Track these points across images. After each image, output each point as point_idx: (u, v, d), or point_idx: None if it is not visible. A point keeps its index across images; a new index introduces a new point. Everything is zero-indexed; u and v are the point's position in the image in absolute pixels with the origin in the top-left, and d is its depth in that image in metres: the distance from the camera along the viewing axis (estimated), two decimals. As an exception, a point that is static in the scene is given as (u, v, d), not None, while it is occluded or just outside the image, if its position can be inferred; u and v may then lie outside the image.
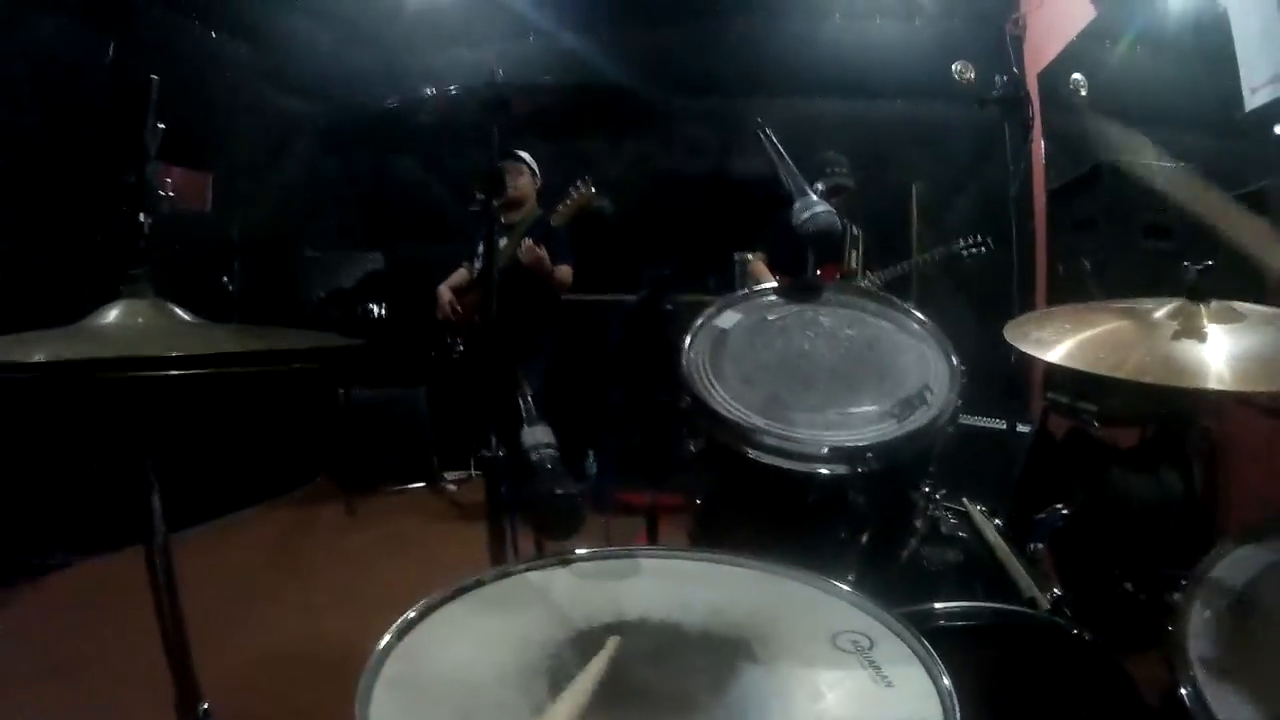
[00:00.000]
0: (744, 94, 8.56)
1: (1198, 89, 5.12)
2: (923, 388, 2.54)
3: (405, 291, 8.57)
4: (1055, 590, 2.57)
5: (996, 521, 3.00)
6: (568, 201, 7.09)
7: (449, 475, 8.19)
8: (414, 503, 7.98)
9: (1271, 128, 3.56)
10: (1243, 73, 4.52)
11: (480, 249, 7.13)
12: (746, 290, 2.97)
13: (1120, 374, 2.16)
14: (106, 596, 4.86)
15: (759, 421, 2.40)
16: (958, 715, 1.56)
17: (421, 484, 8.22)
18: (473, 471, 8.05)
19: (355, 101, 8.58)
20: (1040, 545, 2.83)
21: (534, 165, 7.41)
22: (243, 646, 4.50)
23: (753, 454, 2.37)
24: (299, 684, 4.39)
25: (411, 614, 1.84)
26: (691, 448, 2.65)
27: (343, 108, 8.75)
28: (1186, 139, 5.19)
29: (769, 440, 2.36)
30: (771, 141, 2.97)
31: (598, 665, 1.65)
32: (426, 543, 6.63)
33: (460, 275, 7.53)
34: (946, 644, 1.74)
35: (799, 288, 2.93)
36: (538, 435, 2.21)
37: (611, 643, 1.72)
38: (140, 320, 2.11)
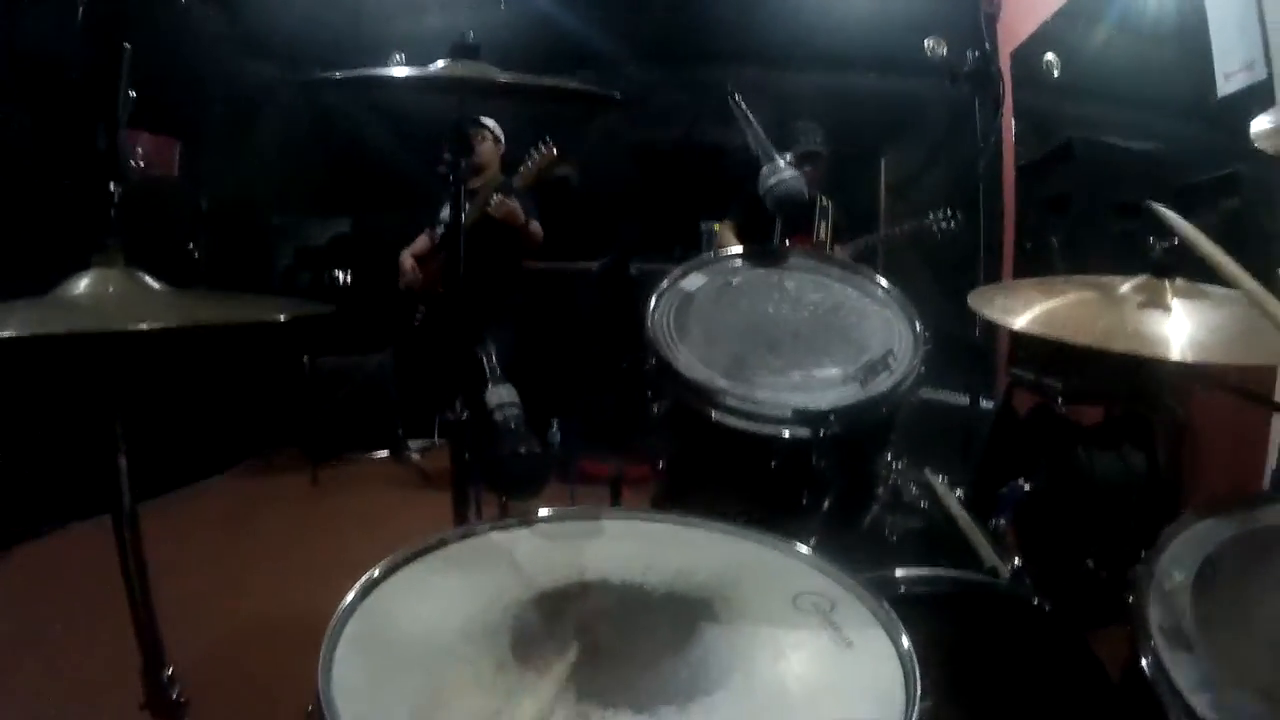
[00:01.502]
0: (716, 63, 8.54)
1: (1171, 73, 5.13)
2: (886, 353, 2.55)
3: (370, 258, 8.55)
4: (1016, 561, 2.58)
5: (958, 493, 3.01)
6: (529, 164, 7.05)
7: (413, 444, 8.16)
8: (379, 471, 7.97)
9: (1243, 113, 3.57)
10: (1216, 58, 4.52)
11: (442, 216, 7.14)
12: (712, 254, 2.96)
13: (1084, 341, 2.16)
14: (74, 566, 4.86)
15: (722, 383, 2.40)
16: (917, 675, 1.57)
17: (386, 452, 8.21)
18: (437, 439, 8.04)
19: (324, 67, 8.55)
20: (1003, 520, 2.84)
21: (498, 131, 7.39)
22: (208, 614, 4.49)
23: (716, 415, 2.37)
24: (264, 650, 4.40)
25: (375, 573, 1.84)
26: (655, 410, 2.65)
27: (311, 73, 8.71)
28: (1159, 122, 5.20)
29: (732, 402, 2.36)
30: (741, 107, 2.96)
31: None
32: (391, 511, 6.62)
33: (422, 242, 7.52)
34: (907, 611, 1.75)
35: (764, 252, 2.93)
36: (502, 395, 2.20)
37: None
38: (111, 289, 2.10)
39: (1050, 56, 6.66)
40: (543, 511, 2.17)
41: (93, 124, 6.32)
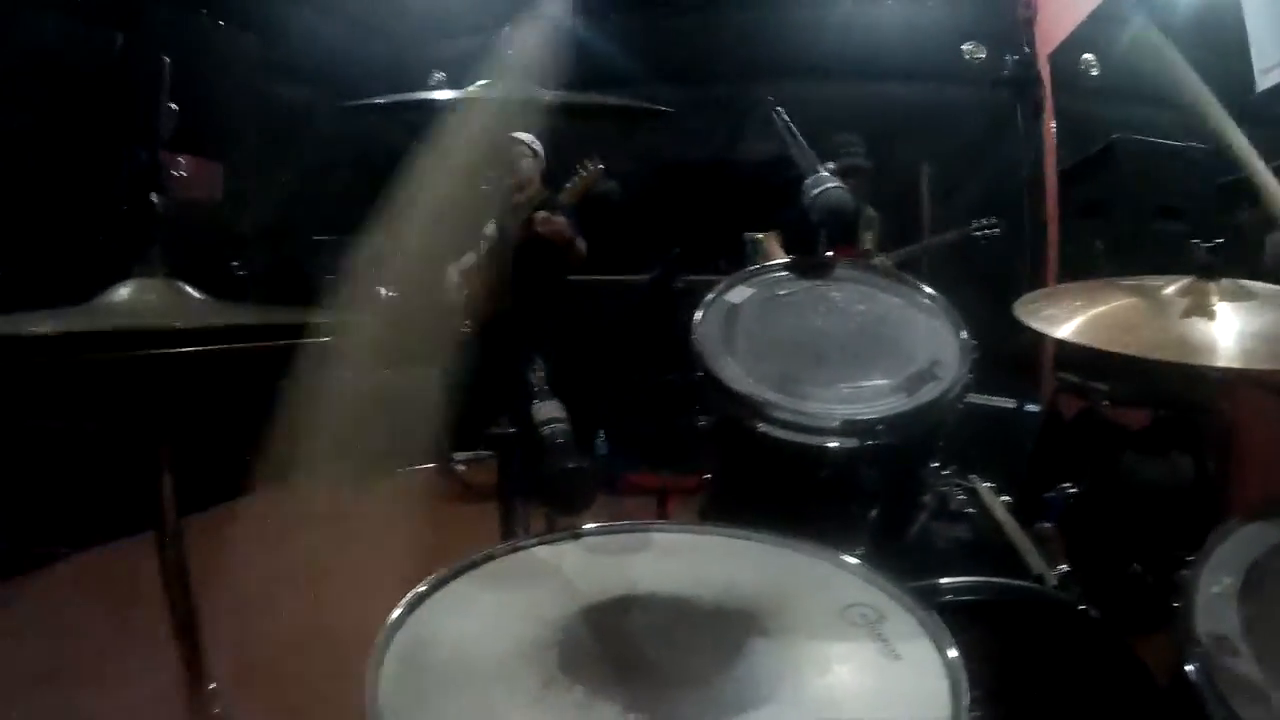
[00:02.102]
0: (754, 78, 8.54)
1: (1208, 70, 5.10)
2: (933, 362, 2.54)
3: (415, 274, 8.57)
4: (1062, 567, 2.57)
5: (1005, 499, 3.01)
6: (575, 180, 7.07)
7: (458, 456, 8.17)
8: (423, 484, 7.97)
9: (1280, 108, 3.57)
10: (1254, 54, 4.51)
11: (488, 232, 7.16)
12: (758, 266, 2.97)
13: (1129, 351, 2.16)
14: (115, 581, 4.90)
15: (770, 395, 2.41)
16: (965, 685, 1.56)
17: (431, 464, 8.21)
18: (482, 452, 8.04)
19: (362, 88, 8.58)
20: (1049, 524, 2.84)
21: (538, 147, 7.38)
22: (249, 630, 4.48)
23: (764, 427, 2.38)
24: (307, 665, 4.41)
25: (422, 588, 1.85)
26: (702, 423, 2.66)
27: (351, 97, 8.76)
28: (1197, 120, 5.18)
29: (780, 414, 2.37)
30: (783, 119, 2.97)
31: None
32: (436, 523, 6.59)
33: (468, 258, 7.54)
34: (953, 619, 1.74)
35: (809, 264, 2.93)
36: (549, 410, 2.21)
37: None
38: (153, 297, 2.12)
39: (1088, 57, 6.65)
40: (589, 526, 2.18)
41: (133, 141, 6.41)
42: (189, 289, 2.21)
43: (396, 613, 1.76)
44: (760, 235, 7.11)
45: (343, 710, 1.67)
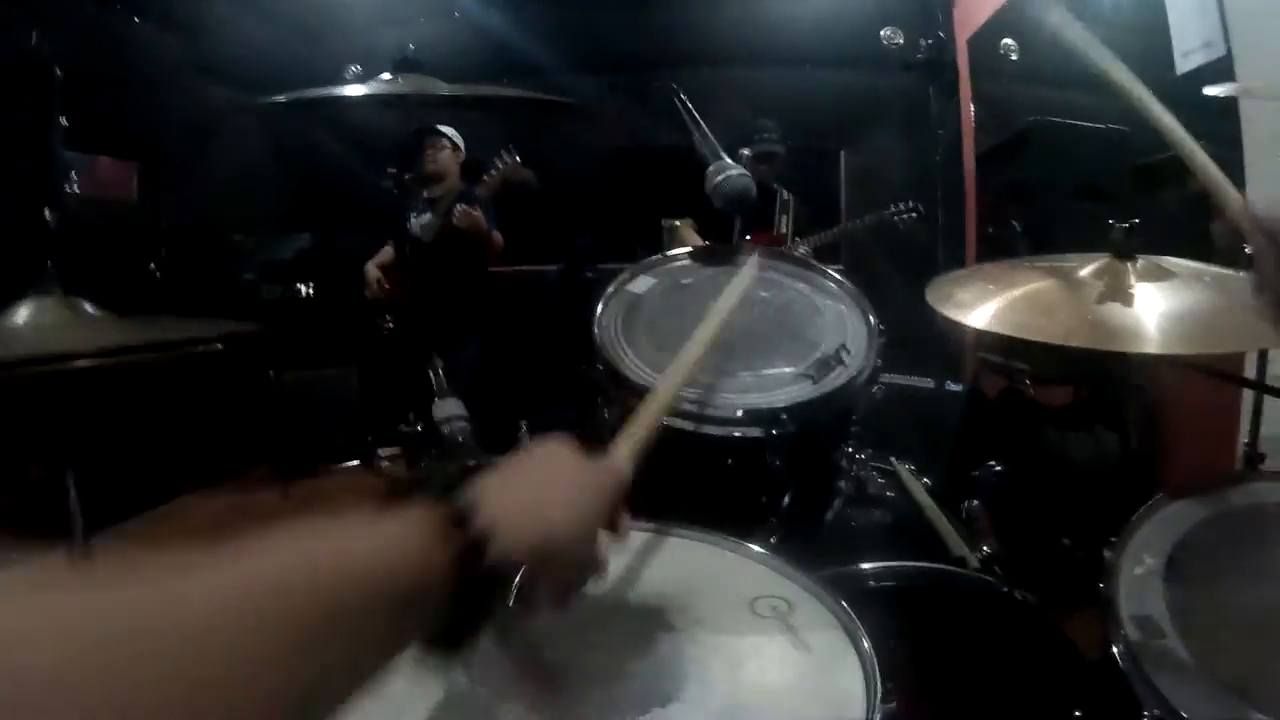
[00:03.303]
0: (671, 64, 8.55)
1: (1129, 54, 5.10)
2: (839, 348, 2.53)
3: (334, 271, 8.53)
4: (985, 548, 2.55)
5: (926, 481, 2.99)
6: (493, 173, 7.05)
7: (383, 451, 8.12)
8: (350, 483, 7.91)
9: (1201, 90, 3.57)
10: (1174, 36, 4.53)
11: (406, 226, 7.13)
12: (660, 255, 2.95)
13: (1046, 338, 2.13)
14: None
15: (670, 386, 2.37)
16: (878, 677, 1.55)
17: (356, 462, 8.16)
18: (397, 448, 8.02)
19: (281, 85, 8.49)
20: (977, 503, 2.82)
21: (457, 139, 7.36)
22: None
23: (665, 419, 2.34)
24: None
25: None
26: (606, 415, 2.62)
27: (264, 94, 8.67)
28: (1117, 104, 5.19)
29: (682, 405, 2.33)
30: (686, 108, 2.96)
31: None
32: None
33: (388, 253, 7.49)
34: (874, 606, 1.74)
35: (713, 252, 2.91)
36: (449, 408, 2.17)
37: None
38: (49, 318, 2.07)
39: (1008, 41, 6.67)
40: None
41: (22, 151, 6.31)
42: (87, 306, 2.15)
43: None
44: (676, 222, 7.09)
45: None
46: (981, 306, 2.36)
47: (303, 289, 8.81)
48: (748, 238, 3.00)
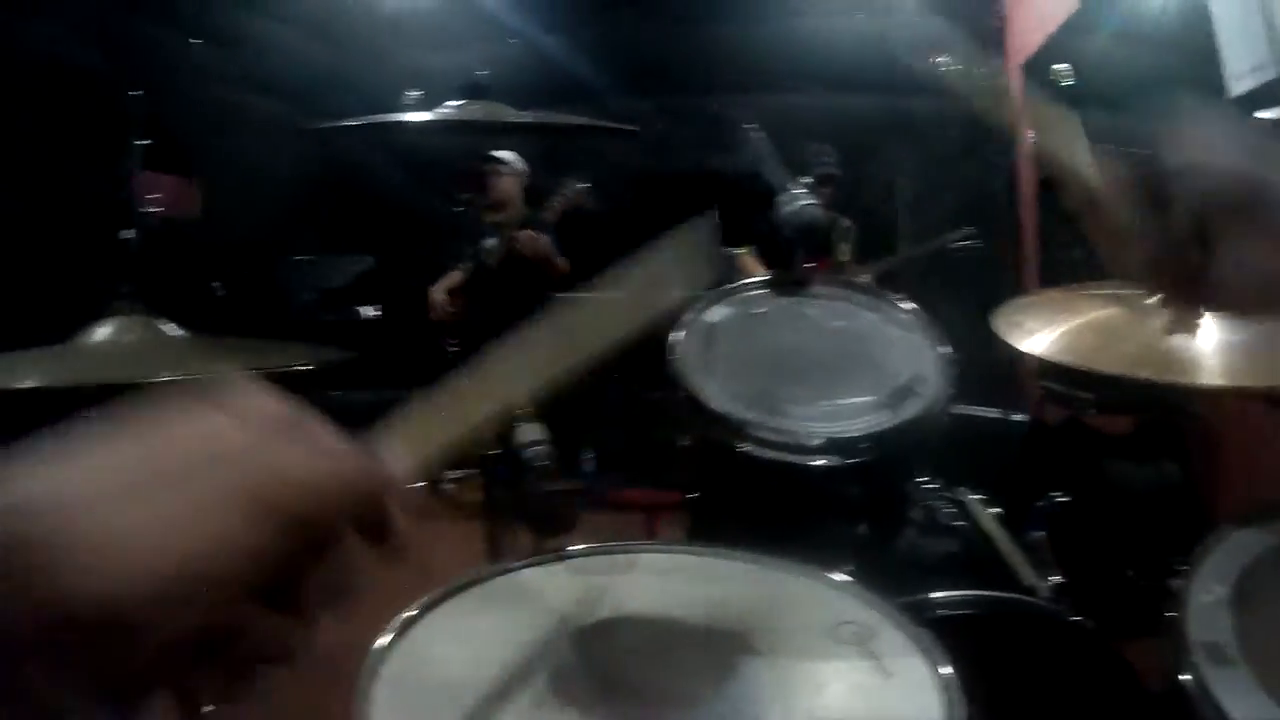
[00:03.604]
0: (727, 91, 8.56)
1: (1180, 78, 5.12)
2: (914, 377, 2.55)
3: (398, 293, 8.56)
4: (1053, 578, 2.57)
5: (994, 510, 3.00)
6: (557, 199, 7.08)
7: (447, 474, 8.13)
8: (412, 501, 7.89)
9: (1252, 114, 3.58)
10: (1225, 60, 4.52)
11: (473, 250, 7.18)
12: (734, 284, 2.97)
13: (1111, 368, 2.15)
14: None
15: (750, 415, 2.41)
16: (959, 702, 1.56)
17: (419, 483, 8.15)
18: (471, 470, 8.01)
19: (337, 104, 8.55)
20: (1039, 533, 2.83)
21: (518, 165, 7.37)
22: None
23: (745, 448, 2.37)
24: (295, 683, 4.38)
25: (411, 612, 1.84)
26: (683, 443, 2.65)
27: (325, 115, 8.72)
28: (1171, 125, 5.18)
29: (762, 433, 2.37)
30: (756, 138, 2.99)
31: None
32: (422, 542, 6.59)
33: (453, 277, 7.54)
34: (945, 634, 1.74)
35: (786, 281, 2.94)
36: (531, 433, 2.21)
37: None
38: (131, 338, 2.09)
39: (1061, 66, 6.67)
40: (576, 547, 2.18)
41: (105, 171, 6.39)
42: (168, 327, 2.18)
43: (386, 638, 1.75)
44: (738, 250, 7.11)
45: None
46: (1048, 334, 2.39)
47: (367, 311, 8.86)
48: (809, 265, 3.01)
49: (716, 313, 2.80)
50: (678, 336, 2.68)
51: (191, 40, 7.96)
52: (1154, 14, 5.59)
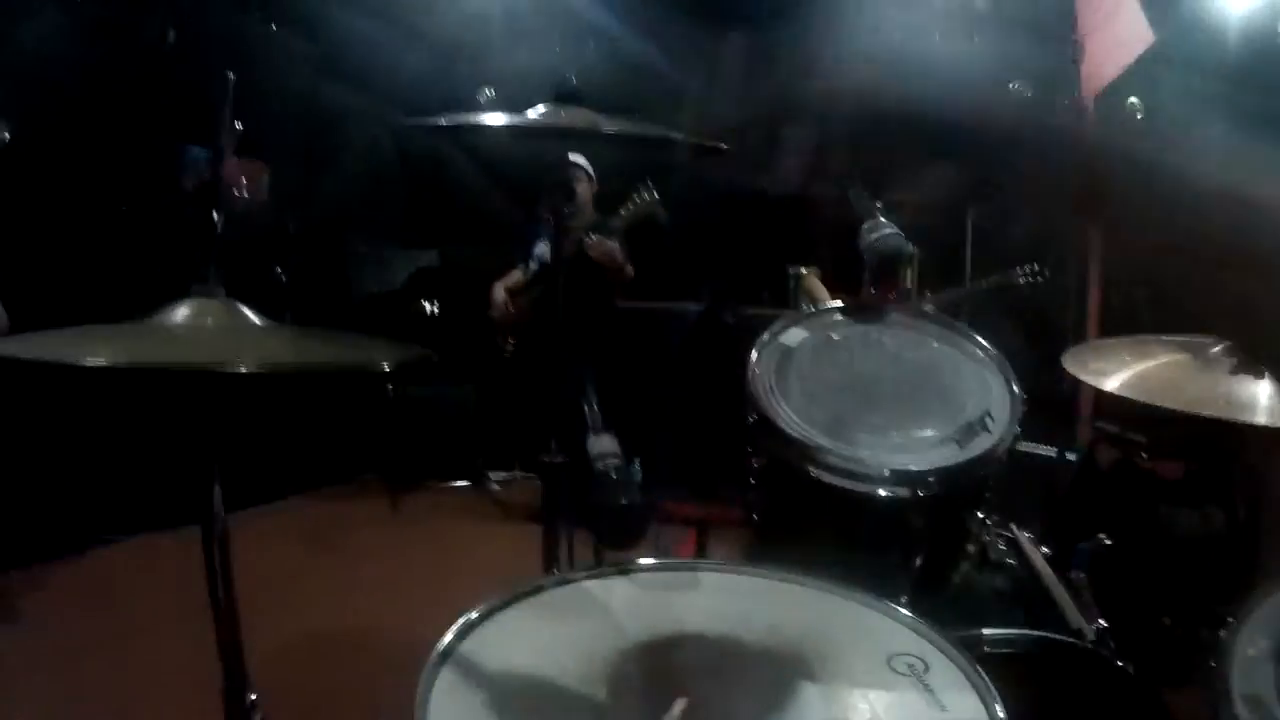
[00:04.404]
0: (800, 111, 8.55)
1: (1256, 113, 5.12)
2: (984, 414, 2.57)
3: (459, 290, 8.59)
4: (1100, 622, 2.59)
5: (1044, 549, 3.02)
6: (629, 207, 7.11)
7: (494, 475, 8.19)
8: (458, 501, 7.96)
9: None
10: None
11: (536, 252, 7.22)
12: (812, 309, 2.99)
13: (1174, 406, 2.19)
14: (150, 574, 4.93)
15: (823, 441, 2.44)
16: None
17: (466, 482, 8.24)
18: (518, 472, 8.03)
19: (411, 97, 8.56)
20: (1082, 574, 2.85)
21: (590, 170, 7.40)
22: (285, 632, 4.51)
23: (815, 472, 2.40)
24: (342, 671, 4.43)
25: (473, 615, 1.86)
26: (754, 464, 2.68)
27: (399, 105, 8.72)
28: (1242, 165, 5.17)
29: (832, 460, 2.40)
30: (855, 184, 3.02)
31: None
32: (470, 542, 6.63)
33: (515, 276, 7.59)
34: (992, 670, 1.76)
35: (863, 308, 2.96)
36: (604, 445, 2.23)
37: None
38: (210, 321, 2.09)
39: (1135, 100, 6.64)
40: (641, 561, 2.19)
41: (184, 141, 6.43)
42: (246, 311, 2.19)
43: (448, 638, 1.77)
44: (804, 269, 7.11)
45: (374, 717, 1.69)
46: (1115, 374, 2.42)
47: (427, 306, 8.89)
48: (874, 291, 3.04)
49: (793, 336, 2.82)
50: (754, 358, 2.72)
51: (269, 24, 8.01)
52: (1230, 52, 5.58)
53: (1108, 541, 2.97)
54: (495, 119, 2.97)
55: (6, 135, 5.19)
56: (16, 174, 5.53)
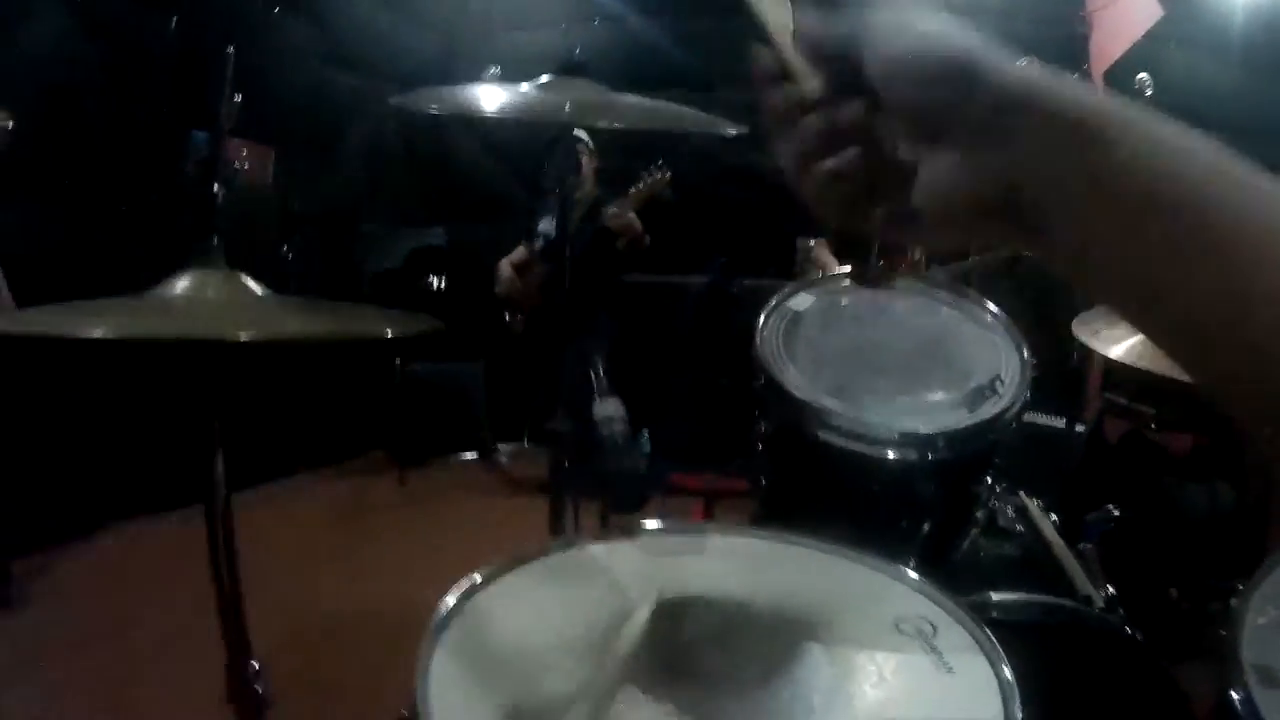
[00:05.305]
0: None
1: (1262, 91, 5.10)
2: (993, 378, 2.56)
3: (465, 267, 8.60)
4: (1109, 589, 2.58)
5: (1053, 517, 3.01)
6: (640, 186, 7.13)
7: (502, 447, 8.19)
8: (467, 475, 8.02)
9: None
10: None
11: (542, 228, 7.22)
12: (821, 275, 2.98)
13: (1180, 374, 2.18)
14: (157, 555, 4.94)
15: (830, 404, 2.43)
16: (1017, 705, 1.57)
17: (473, 454, 8.24)
18: (526, 443, 8.04)
19: (415, 78, 8.53)
20: (1090, 545, 2.84)
21: (591, 144, 7.42)
22: (292, 609, 4.50)
23: (822, 435, 2.39)
24: (348, 647, 4.43)
25: (476, 577, 1.85)
26: (760, 428, 2.67)
27: (406, 88, 8.65)
28: (1256, 142, 5.16)
29: (840, 423, 2.38)
30: None
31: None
32: (479, 516, 6.64)
33: (520, 252, 7.59)
34: (1001, 635, 1.76)
35: (871, 274, 2.94)
36: (610, 409, 2.22)
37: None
38: (210, 293, 2.07)
39: (1143, 75, 6.62)
40: (646, 525, 2.17)
41: (188, 126, 6.43)
42: (248, 281, 2.17)
43: (451, 600, 1.76)
44: (812, 241, 7.09)
45: (381, 692, 1.68)
46: (1124, 341, 2.40)
47: (434, 281, 8.90)
48: (882, 261, 3.01)
49: (801, 301, 2.81)
50: (761, 322, 2.70)
51: (273, 7, 8.01)
52: (1238, 28, 5.56)
53: (1116, 513, 2.95)
54: (493, 97, 2.93)
55: (10, 124, 5.18)
56: (20, 158, 5.52)
